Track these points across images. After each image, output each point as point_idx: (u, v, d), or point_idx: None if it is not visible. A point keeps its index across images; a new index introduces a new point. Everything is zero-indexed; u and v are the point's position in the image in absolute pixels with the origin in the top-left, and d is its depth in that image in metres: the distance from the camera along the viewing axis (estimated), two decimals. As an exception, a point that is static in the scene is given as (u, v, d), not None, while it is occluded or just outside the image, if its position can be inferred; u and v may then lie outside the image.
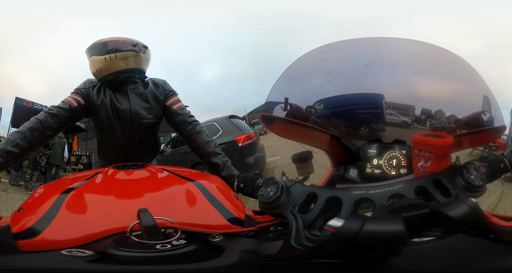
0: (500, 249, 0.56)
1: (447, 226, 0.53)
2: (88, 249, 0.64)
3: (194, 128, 1.36)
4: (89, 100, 1.30)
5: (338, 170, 1.07)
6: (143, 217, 0.68)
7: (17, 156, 1.13)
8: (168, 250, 0.63)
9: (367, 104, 1.04)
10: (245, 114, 13.04)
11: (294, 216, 0.75)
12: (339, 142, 1.04)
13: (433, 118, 0.97)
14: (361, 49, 1.01)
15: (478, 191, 0.77)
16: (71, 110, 1.27)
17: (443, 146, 0.81)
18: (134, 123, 1.33)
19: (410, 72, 0.97)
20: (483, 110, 0.91)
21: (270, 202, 0.81)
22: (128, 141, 1.35)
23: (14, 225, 0.77)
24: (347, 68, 1.02)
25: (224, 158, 1.32)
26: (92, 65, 1.32)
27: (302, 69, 1.09)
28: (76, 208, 0.80)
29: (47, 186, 0.99)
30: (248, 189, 1.13)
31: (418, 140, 0.84)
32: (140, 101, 1.33)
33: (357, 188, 0.80)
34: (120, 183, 1.00)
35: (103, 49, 1.29)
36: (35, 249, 0.68)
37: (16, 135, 1.14)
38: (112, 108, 1.30)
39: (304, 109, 1.00)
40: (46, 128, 1.20)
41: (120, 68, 1.29)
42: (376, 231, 0.47)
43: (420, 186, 0.77)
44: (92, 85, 1.32)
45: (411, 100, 0.99)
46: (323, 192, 0.81)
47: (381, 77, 0.99)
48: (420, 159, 0.84)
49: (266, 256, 0.68)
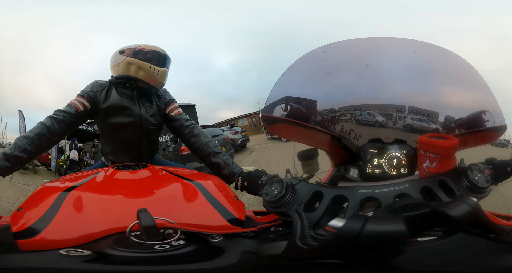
0: (500, 248, 0.56)
1: (448, 225, 0.53)
2: (86, 249, 0.64)
3: (192, 131, 1.40)
4: (95, 103, 1.31)
5: (338, 170, 1.07)
6: (143, 218, 0.68)
7: (25, 161, 1.14)
8: (167, 251, 0.63)
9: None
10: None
11: (300, 215, 0.74)
12: (340, 142, 1.04)
13: (433, 117, 0.97)
14: (360, 49, 1.01)
15: (483, 193, 0.76)
16: (77, 115, 1.28)
17: (449, 147, 0.81)
18: (142, 128, 1.37)
19: (410, 72, 0.97)
20: (484, 109, 0.91)
21: (275, 201, 0.80)
22: (135, 144, 1.39)
23: (14, 224, 0.77)
24: (347, 68, 1.02)
25: (224, 157, 1.33)
26: (126, 65, 1.33)
27: (302, 69, 1.09)
28: (76, 208, 0.80)
29: (47, 185, 0.99)
30: (251, 187, 1.13)
31: (424, 141, 0.85)
32: (148, 109, 1.39)
33: (363, 187, 0.79)
34: (120, 183, 1.00)
35: (152, 58, 1.33)
36: (34, 248, 0.68)
37: (24, 140, 1.15)
38: (123, 111, 1.33)
39: (304, 109, 1.00)
40: (53, 134, 1.21)
41: (152, 82, 1.34)
42: (377, 231, 0.47)
43: (425, 186, 0.77)
44: (100, 89, 1.33)
45: (411, 100, 0.98)
46: (329, 191, 0.80)
47: (380, 77, 0.99)
48: (426, 160, 0.84)
49: (268, 256, 0.67)
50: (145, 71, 1.32)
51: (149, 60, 1.32)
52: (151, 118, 1.39)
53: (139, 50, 1.33)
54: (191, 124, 1.43)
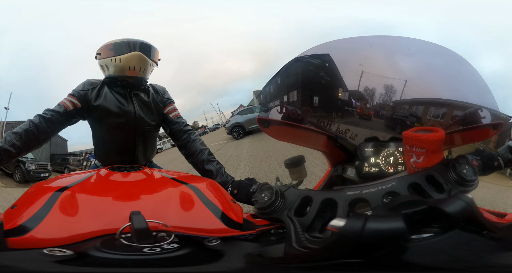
0: (492, 245, 0.57)
1: (444, 222, 0.54)
2: (70, 249, 0.63)
3: (189, 137, 1.39)
4: (86, 102, 1.28)
5: (336, 170, 1.07)
6: (135, 220, 0.67)
7: (13, 155, 1.15)
8: (157, 254, 0.61)
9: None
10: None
11: (291, 219, 0.75)
12: (336, 143, 1.04)
13: (429, 114, 0.97)
14: (352, 48, 1.01)
15: (471, 185, 0.76)
16: (65, 113, 1.25)
17: (434, 140, 0.79)
18: (137, 128, 1.34)
19: (404, 70, 0.97)
20: (480, 106, 0.90)
21: (265, 207, 0.81)
22: (129, 145, 1.35)
23: (6, 222, 0.76)
24: (339, 68, 1.02)
25: (218, 165, 1.33)
26: (101, 68, 1.32)
27: (297, 71, 1.10)
28: (68, 208, 0.79)
29: (42, 184, 0.99)
30: (241, 195, 1.13)
31: (409, 136, 0.83)
32: (144, 107, 1.35)
33: (351, 188, 0.80)
34: (115, 185, 0.99)
35: (114, 50, 1.28)
36: (23, 246, 0.67)
37: (13, 136, 1.16)
38: (116, 110, 1.29)
39: (299, 111, 1.00)
40: (40, 132, 1.21)
41: (128, 73, 1.29)
42: (378, 228, 0.48)
43: (413, 183, 0.77)
44: (91, 87, 1.30)
45: (406, 97, 0.98)
46: (317, 195, 0.81)
47: (373, 76, 0.99)
48: (412, 155, 0.83)
49: (272, 259, 0.67)
50: (113, 66, 1.28)
51: (111, 54, 1.27)
52: (146, 117, 1.35)
53: (102, 49, 1.30)
54: (189, 129, 1.42)
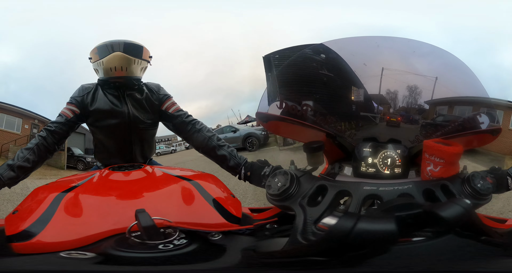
0: (490, 251, 0.57)
1: (439, 226, 0.53)
2: (89, 251, 0.64)
3: (194, 127, 1.36)
4: (83, 107, 1.32)
5: (332, 168, 1.07)
6: (141, 218, 0.68)
7: (28, 170, 1.20)
8: (171, 250, 0.63)
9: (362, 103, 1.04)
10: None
11: (303, 208, 0.73)
12: (334, 140, 1.04)
13: (428, 118, 0.99)
14: (359, 48, 1.01)
15: (483, 199, 0.79)
16: (67, 122, 1.30)
17: (454, 153, 0.84)
18: (132, 127, 1.34)
19: (407, 72, 0.98)
20: (479, 111, 0.93)
21: (279, 194, 0.79)
22: (126, 144, 1.36)
23: (8, 227, 0.76)
24: (344, 66, 1.02)
25: (229, 149, 1.32)
26: (95, 72, 1.35)
27: (296, 68, 1.10)
28: (73, 210, 0.80)
29: (43, 188, 0.98)
30: (255, 178, 1.13)
31: (430, 145, 0.87)
32: (137, 107, 1.35)
33: (368, 183, 0.80)
34: (117, 184, 1.00)
35: (99, 53, 1.30)
36: (30, 251, 0.67)
37: (25, 151, 1.21)
38: (110, 112, 1.31)
39: (299, 107, 1.00)
40: (50, 144, 1.27)
41: (115, 74, 1.30)
42: (368, 230, 0.48)
43: (428, 189, 0.79)
44: (86, 92, 1.33)
45: (407, 100, 1.00)
46: (333, 185, 0.79)
47: (377, 76, 1.00)
48: (430, 164, 0.87)
49: (266, 253, 0.68)
50: (101, 69, 1.31)
51: (97, 58, 1.31)
52: (141, 116, 1.35)
53: (91, 53, 1.34)
54: (192, 119, 1.38)
